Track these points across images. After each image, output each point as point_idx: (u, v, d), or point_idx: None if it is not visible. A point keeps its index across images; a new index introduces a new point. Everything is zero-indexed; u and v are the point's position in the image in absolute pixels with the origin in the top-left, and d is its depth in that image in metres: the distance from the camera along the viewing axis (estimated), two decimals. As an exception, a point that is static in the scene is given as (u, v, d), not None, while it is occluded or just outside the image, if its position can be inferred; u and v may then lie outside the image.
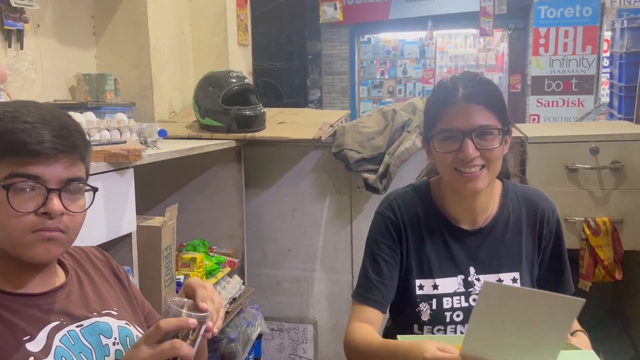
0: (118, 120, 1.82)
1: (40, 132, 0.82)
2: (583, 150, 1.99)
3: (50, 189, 0.84)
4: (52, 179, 0.84)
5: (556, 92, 6.45)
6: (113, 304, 0.99)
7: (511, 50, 7.21)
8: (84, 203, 0.90)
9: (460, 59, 8.20)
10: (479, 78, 1.18)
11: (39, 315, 0.86)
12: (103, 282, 1.02)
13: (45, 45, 2.15)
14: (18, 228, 0.83)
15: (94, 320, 0.92)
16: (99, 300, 0.97)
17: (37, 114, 0.84)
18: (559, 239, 1.27)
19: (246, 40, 2.94)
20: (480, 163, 1.12)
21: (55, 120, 0.85)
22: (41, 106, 0.87)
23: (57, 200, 0.84)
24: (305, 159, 2.40)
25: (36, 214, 0.83)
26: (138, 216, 1.65)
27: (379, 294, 1.21)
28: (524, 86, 7.01)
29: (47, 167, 0.83)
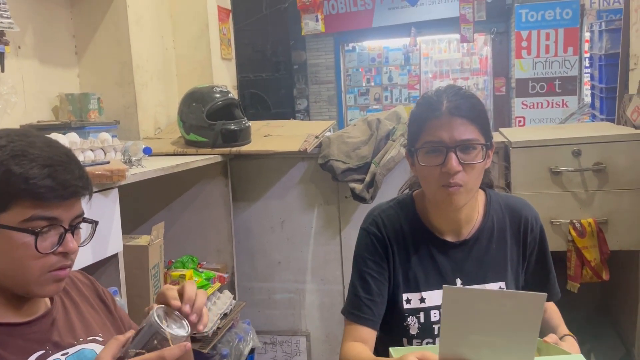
0: (102, 140, 1.82)
1: (62, 176, 0.84)
2: (566, 153, 2.01)
3: (66, 229, 0.86)
4: (67, 219, 0.86)
5: (540, 93, 6.53)
6: (98, 329, 0.98)
7: (494, 53, 7.29)
8: (83, 238, 0.93)
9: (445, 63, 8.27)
10: (463, 92, 1.18)
11: (23, 345, 0.86)
12: (88, 307, 1.01)
13: (26, 66, 2.14)
14: (38, 268, 0.85)
15: (79, 348, 0.92)
16: (84, 326, 0.97)
17: (48, 156, 0.84)
18: (543, 246, 1.28)
19: (229, 54, 2.95)
20: (462, 180, 1.11)
21: (72, 162, 0.87)
22: (45, 142, 0.87)
23: (71, 239, 0.87)
24: (292, 170, 2.41)
25: (54, 253, 0.85)
26: (124, 235, 1.64)
27: (370, 312, 1.21)
28: (508, 89, 7.08)
29: (66, 209, 0.86)
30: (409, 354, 0.92)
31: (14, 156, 0.82)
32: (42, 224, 0.84)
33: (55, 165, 0.83)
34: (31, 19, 2.16)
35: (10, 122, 2.02)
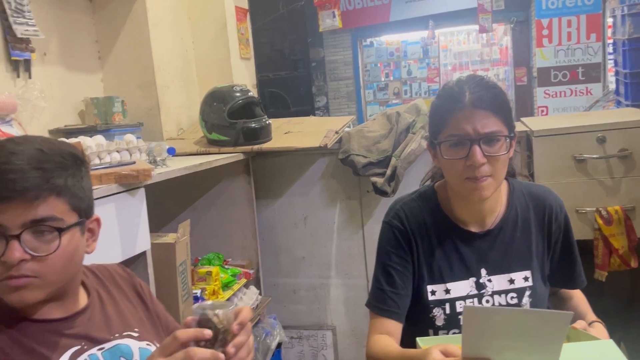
0: (127, 142, 1.86)
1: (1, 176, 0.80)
2: (590, 140, 1.99)
3: (9, 236, 0.81)
4: (13, 224, 0.81)
5: (563, 82, 6.41)
6: (134, 324, 0.99)
7: (515, 43, 7.19)
8: (59, 242, 0.84)
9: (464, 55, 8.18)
10: (485, 82, 1.17)
11: (59, 340, 0.87)
12: (125, 301, 1.02)
13: (52, 72, 2.20)
14: None
15: (115, 343, 0.93)
16: (121, 320, 0.97)
17: (2, 155, 0.82)
18: (568, 234, 1.27)
19: (248, 54, 2.97)
20: (487, 173, 1.11)
21: (15, 159, 0.82)
22: (14, 145, 0.84)
23: (16, 247, 0.80)
24: (313, 166, 2.42)
25: (0, 262, 0.81)
26: (152, 234, 1.68)
27: (394, 305, 1.22)
28: (530, 78, 6.98)
29: (5, 212, 0.81)
30: (433, 348, 0.92)
31: None
32: None
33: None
34: (55, 27, 2.22)
35: (39, 127, 2.08)
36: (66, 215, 0.86)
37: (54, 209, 0.84)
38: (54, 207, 0.84)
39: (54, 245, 0.83)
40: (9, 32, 1.94)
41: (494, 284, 1.22)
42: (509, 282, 1.22)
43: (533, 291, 1.22)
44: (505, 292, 1.22)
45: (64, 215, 0.85)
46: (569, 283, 1.30)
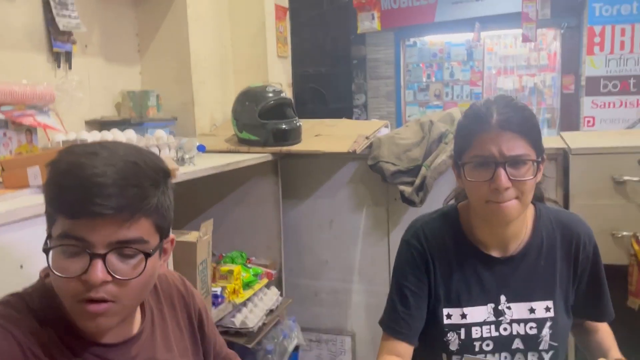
0: (157, 138, 1.89)
1: (88, 190, 0.74)
2: (630, 161, 1.90)
3: (94, 254, 0.76)
4: (99, 243, 0.76)
5: (613, 92, 6.17)
6: (178, 355, 0.96)
7: (564, 49, 6.95)
8: (144, 266, 0.79)
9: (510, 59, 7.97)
10: (514, 103, 1.12)
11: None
12: (174, 326, 0.99)
13: (92, 64, 2.25)
14: (66, 295, 0.78)
15: None
16: (166, 351, 0.94)
17: (96, 166, 0.76)
18: (597, 265, 1.21)
19: (285, 52, 2.97)
20: (512, 195, 1.07)
21: (110, 173, 0.75)
22: (109, 153, 0.78)
23: (100, 267, 0.75)
24: (342, 170, 2.40)
25: (80, 280, 0.76)
26: (174, 231, 1.69)
27: (406, 326, 1.19)
28: (577, 87, 6.74)
29: (93, 229, 0.75)
30: None
31: (62, 170, 0.77)
32: (71, 244, 0.76)
33: (87, 178, 0.74)
34: (98, 19, 2.26)
35: (76, 117, 2.13)
36: (151, 237, 0.81)
37: (142, 230, 0.79)
38: (142, 228, 0.79)
39: (138, 269, 0.79)
40: (52, 24, 2.00)
41: (513, 311, 1.18)
42: (529, 312, 1.18)
43: (554, 322, 1.17)
44: (524, 322, 1.18)
45: (149, 236, 0.80)
46: (595, 315, 1.25)
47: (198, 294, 1.09)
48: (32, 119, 1.76)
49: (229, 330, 2.02)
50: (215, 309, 1.90)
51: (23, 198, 1.23)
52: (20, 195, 1.24)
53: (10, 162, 1.30)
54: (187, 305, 1.03)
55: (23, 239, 1.12)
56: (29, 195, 1.26)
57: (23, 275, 1.08)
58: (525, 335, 1.17)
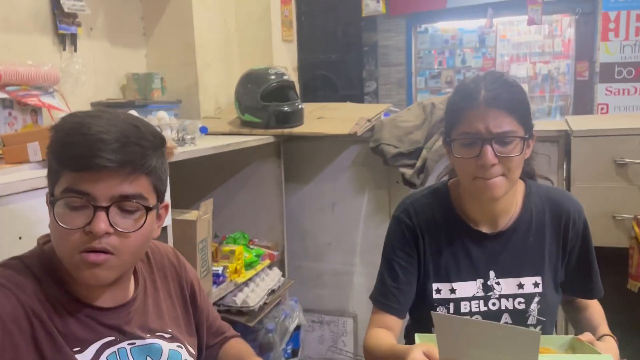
0: (159, 119, 1.91)
1: (93, 145, 0.78)
2: (632, 144, 1.88)
3: (97, 206, 0.80)
4: (102, 196, 0.80)
5: (627, 79, 6.07)
6: (169, 323, 0.99)
7: (578, 36, 6.84)
8: (144, 221, 0.84)
9: (523, 46, 7.86)
10: (503, 79, 1.13)
11: (96, 328, 0.88)
12: (166, 296, 1.02)
13: (98, 47, 2.28)
14: (67, 247, 0.81)
15: (147, 342, 0.93)
16: (157, 318, 0.97)
17: (100, 125, 0.80)
18: (586, 242, 1.21)
19: (291, 36, 2.97)
20: (499, 172, 1.08)
21: (114, 131, 0.80)
22: (111, 116, 0.83)
23: (103, 218, 0.79)
24: (344, 153, 2.42)
25: (84, 231, 0.80)
26: (175, 210, 1.73)
27: (395, 300, 1.21)
28: (592, 73, 6.64)
29: (97, 183, 0.79)
30: (416, 347, 0.92)
31: (66, 129, 0.82)
32: (76, 198, 0.80)
33: (91, 134, 0.79)
34: (103, 3, 2.29)
35: (81, 99, 2.16)
36: (150, 195, 0.86)
37: (142, 187, 0.84)
38: (142, 185, 0.84)
39: (139, 223, 0.83)
40: (57, 6, 2.02)
41: (502, 287, 1.19)
42: (518, 287, 1.19)
43: (542, 298, 1.18)
44: (513, 297, 1.19)
45: (148, 194, 0.85)
46: (585, 292, 1.25)
47: (190, 267, 1.12)
48: (36, 99, 1.79)
49: (231, 308, 2.06)
50: (217, 288, 1.94)
51: (23, 172, 1.26)
52: (20, 170, 1.27)
53: (10, 137, 1.34)
54: (179, 276, 1.06)
55: (22, 211, 1.15)
56: (28, 170, 1.29)
57: (22, 246, 1.11)
58: (513, 310, 1.18)
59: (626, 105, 6.11)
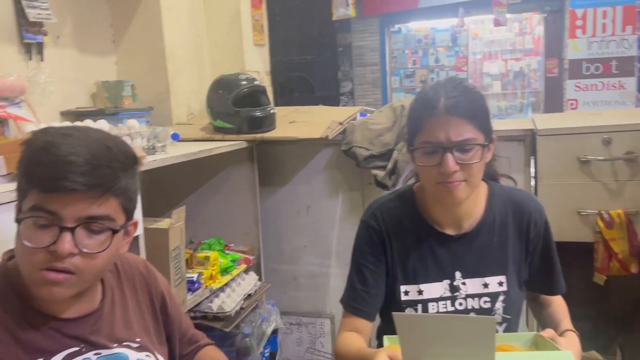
0: (129, 127, 1.90)
1: (62, 167, 0.79)
2: (595, 142, 1.94)
3: (63, 227, 0.80)
4: (69, 217, 0.80)
5: (595, 75, 6.22)
6: (138, 332, 0.99)
7: (547, 33, 6.99)
8: (110, 242, 0.85)
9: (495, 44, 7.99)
10: (463, 86, 1.15)
11: (60, 339, 0.88)
12: (135, 306, 1.02)
13: (65, 55, 2.25)
14: (30, 264, 0.81)
15: (113, 351, 0.93)
16: (125, 329, 0.97)
17: (70, 146, 0.80)
18: (548, 241, 1.25)
19: (262, 40, 2.98)
20: (460, 178, 1.11)
21: (84, 153, 0.80)
22: (82, 135, 0.84)
23: (68, 239, 0.80)
24: (317, 156, 2.44)
25: (48, 250, 0.80)
26: (147, 219, 1.72)
27: (365, 304, 1.24)
28: (561, 70, 6.79)
29: (65, 204, 0.80)
30: (381, 352, 0.94)
31: (37, 147, 0.82)
32: (42, 216, 0.80)
33: (61, 155, 0.79)
34: (69, 10, 2.27)
35: (50, 109, 2.14)
36: (118, 216, 0.86)
37: (110, 208, 0.84)
38: (111, 206, 0.84)
39: (105, 244, 0.84)
40: (22, 15, 2.00)
41: (468, 287, 1.22)
42: (483, 286, 1.22)
43: (507, 296, 1.22)
44: (478, 296, 1.22)
45: (116, 215, 0.86)
46: (548, 289, 1.29)
47: (161, 277, 1.12)
48: (2, 110, 1.77)
49: (207, 315, 2.06)
50: (192, 295, 1.94)
51: (-12, 187, 1.25)
52: (-15, 185, 1.26)
53: (-26, 152, 1.32)
54: (148, 286, 1.06)
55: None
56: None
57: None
58: (479, 309, 1.22)
59: (595, 100, 6.25)
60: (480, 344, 0.78)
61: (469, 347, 0.79)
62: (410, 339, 0.81)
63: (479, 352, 0.79)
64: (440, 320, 0.85)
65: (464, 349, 0.79)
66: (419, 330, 0.80)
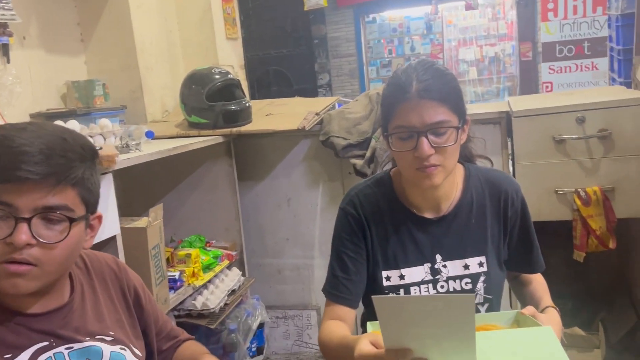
0: (101, 127, 1.87)
1: (16, 157, 0.79)
2: (569, 121, 1.96)
3: (19, 218, 0.80)
4: (25, 207, 0.80)
5: (568, 57, 6.30)
6: (110, 326, 0.98)
7: (520, 17, 7.04)
8: (68, 232, 0.84)
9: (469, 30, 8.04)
10: (435, 69, 1.14)
11: (28, 335, 0.87)
12: (107, 300, 1.01)
13: (33, 56, 2.20)
14: None
15: (85, 345, 0.91)
16: (97, 322, 0.96)
17: (24, 138, 0.81)
18: (525, 219, 1.26)
19: (235, 34, 2.95)
20: (436, 162, 1.10)
21: (37, 143, 0.80)
22: (37, 128, 0.84)
23: (24, 230, 0.80)
24: (295, 148, 2.42)
25: (5, 242, 0.80)
26: (124, 218, 1.70)
27: (346, 291, 1.23)
28: (535, 54, 6.85)
29: (20, 194, 0.80)
30: (363, 337, 0.93)
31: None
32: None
33: (15, 147, 0.79)
34: (35, 10, 2.21)
35: (18, 111, 2.09)
36: (77, 207, 0.86)
37: (67, 199, 0.83)
38: (68, 197, 0.83)
39: (63, 234, 0.83)
40: (-16, 17, 1.95)
41: (448, 269, 1.23)
42: (464, 268, 1.22)
43: (487, 277, 1.22)
44: (459, 278, 1.22)
45: (75, 206, 0.85)
46: (527, 267, 1.30)
47: (132, 272, 1.11)
48: (-32, 114, 1.72)
49: (191, 312, 2.04)
50: (174, 293, 1.92)
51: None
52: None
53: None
54: (119, 280, 1.05)
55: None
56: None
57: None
58: (461, 290, 1.22)
59: (569, 82, 6.33)
60: (460, 321, 0.78)
61: (450, 326, 0.78)
62: (390, 322, 0.80)
63: (459, 330, 0.79)
64: (420, 300, 0.85)
65: (445, 329, 0.79)
66: (399, 312, 0.79)
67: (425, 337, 0.80)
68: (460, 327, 0.79)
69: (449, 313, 0.78)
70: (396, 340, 0.82)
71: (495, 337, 0.97)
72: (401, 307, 0.79)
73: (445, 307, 0.78)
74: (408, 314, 0.79)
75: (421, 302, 0.81)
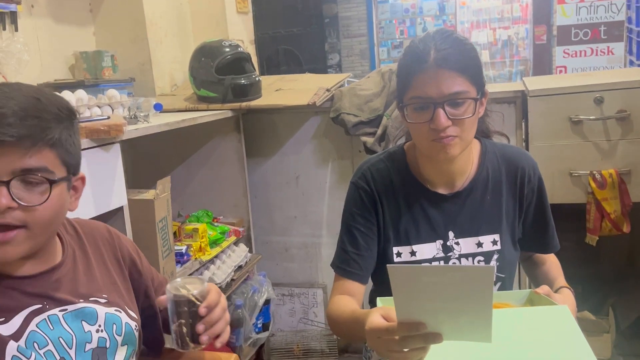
0: (109, 97, 1.84)
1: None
2: (587, 101, 1.91)
3: None
4: (2, 171, 0.79)
5: (584, 41, 6.17)
6: (104, 289, 0.97)
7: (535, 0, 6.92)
8: (49, 194, 0.83)
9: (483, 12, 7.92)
10: (453, 38, 1.10)
11: (19, 298, 0.86)
12: (100, 264, 1.00)
13: (41, 25, 2.17)
14: None
15: (79, 306, 0.91)
16: (90, 284, 0.95)
17: (0, 98, 0.79)
18: (541, 198, 1.23)
19: (245, 8, 2.90)
20: (453, 133, 1.07)
21: (10, 105, 0.79)
22: (10, 90, 0.83)
23: (4, 193, 0.79)
24: (305, 125, 2.39)
25: None
26: (131, 190, 1.68)
27: (357, 267, 1.20)
28: (549, 37, 6.73)
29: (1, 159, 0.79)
30: (375, 311, 0.91)
31: None
32: None
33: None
34: (43, -23, 2.17)
35: (27, 80, 2.05)
36: (57, 169, 0.84)
37: (46, 160, 0.82)
38: (46, 158, 0.82)
39: (44, 196, 0.82)
40: (-8, -16, 1.91)
41: (461, 246, 1.20)
42: (477, 246, 1.20)
43: (501, 255, 1.19)
44: (472, 256, 1.20)
45: (55, 168, 0.84)
46: (542, 247, 1.27)
47: (126, 237, 1.10)
48: (-25, 82, 1.70)
49: (197, 287, 2.03)
50: (181, 267, 1.91)
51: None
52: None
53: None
54: (112, 246, 1.04)
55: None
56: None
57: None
58: (473, 269, 1.19)
59: (583, 66, 6.21)
60: (478, 294, 0.75)
61: (467, 299, 0.76)
62: (405, 293, 0.78)
63: (476, 304, 0.76)
64: (437, 271, 0.82)
65: (461, 302, 0.76)
66: (414, 283, 0.76)
67: (440, 311, 0.78)
68: (478, 301, 0.76)
69: (467, 285, 0.75)
70: (410, 313, 0.80)
71: (510, 314, 0.95)
72: (417, 277, 0.77)
73: (463, 279, 0.75)
74: (423, 285, 0.76)
75: (438, 273, 0.78)
